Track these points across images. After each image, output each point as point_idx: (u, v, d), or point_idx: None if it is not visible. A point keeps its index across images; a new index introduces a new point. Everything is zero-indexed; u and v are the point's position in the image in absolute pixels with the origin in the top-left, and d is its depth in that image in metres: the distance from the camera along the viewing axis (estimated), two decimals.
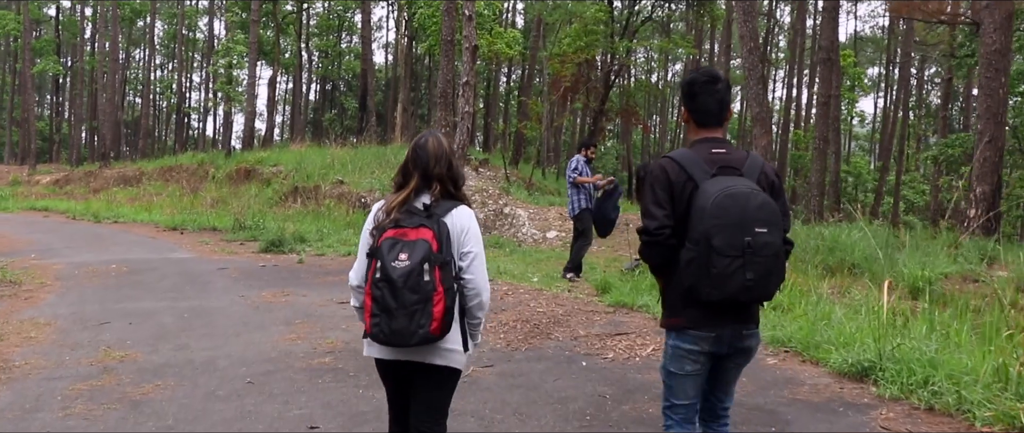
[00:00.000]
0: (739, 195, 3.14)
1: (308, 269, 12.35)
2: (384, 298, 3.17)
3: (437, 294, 3.18)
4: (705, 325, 3.28)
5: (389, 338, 3.21)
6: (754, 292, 3.15)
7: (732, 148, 3.41)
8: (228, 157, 32.09)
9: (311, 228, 17.52)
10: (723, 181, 3.20)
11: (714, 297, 3.14)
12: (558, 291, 10.17)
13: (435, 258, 3.19)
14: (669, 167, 3.29)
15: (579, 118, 42.64)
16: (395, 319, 3.17)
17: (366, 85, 41.47)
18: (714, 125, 3.43)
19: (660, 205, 3.27)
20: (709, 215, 3.11)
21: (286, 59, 58.70)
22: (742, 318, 3.33)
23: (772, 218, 3.15)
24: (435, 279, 3.18)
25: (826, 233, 13.03)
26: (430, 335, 3.19)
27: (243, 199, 25.12)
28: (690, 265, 3.17)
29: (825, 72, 20.84)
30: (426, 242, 3.21)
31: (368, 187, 20.34)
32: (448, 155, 3.52)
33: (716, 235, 3.09)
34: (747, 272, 3.09)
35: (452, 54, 21.56)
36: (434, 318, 3.17)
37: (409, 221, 3.28)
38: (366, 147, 28.90)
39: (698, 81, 3.45)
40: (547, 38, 37.76)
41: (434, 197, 3.40)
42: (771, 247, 3.13)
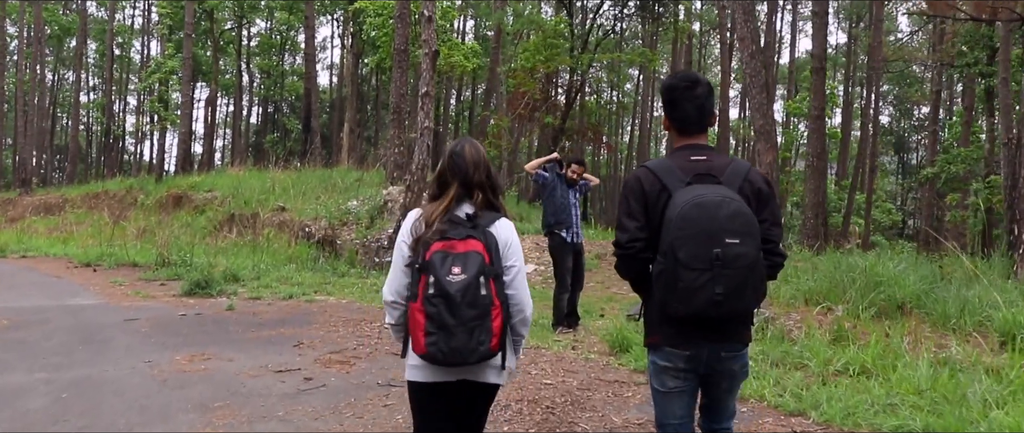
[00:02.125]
0: (708, 204, 2.98)
1: (239, 318, 9.99)
2: (441, 315, 3.01)
3: (495, 308, 3.06)
4: (680, 343, 3.14)
5: (448, 357, 3.04)
6: (725, 308, 2.96)
7: (715, 154, 3.26)
8: (159, 182, 29.43)
9: (247, 263, 15.12)
10: (695, 190, 3.06)
11: (682, 312, 3.00)
12: (560, 350, 7.98)
13: (489, 270, 3.08)
14: (643, 177, 3.19)
15: (537, 140, 40.68)
16: (454, 336, 3.01)
17: (310, 105, 38.98)
18: (696, 131, 3.32)
19: (632, 216, 3.17)
20: (675, 226, 2.98)
21: (226, 80, 55.97)
22: (721, 337, 3.14)
23: (745, 228, 2.97)
24: (491, 293, 3.05)
25: (859, 264, 11.03)
26: (490, 351, 3.05)
27: (173, 228, 22.59)
28: (659, 279, 3.04)
29: (816, 82, 19.02)
30: (479, 254, 3.09)
31: (313, 214, 17.96)
32: (486, 162, 3.40)
33: (681, 247, 2.96)
34: (716, 286, 2.93)
35: (405, 64, 19.36)
36: (494, 333, 3.04)
37: (455, 232, 3.16)
38: (310, 170, 26.49)
39: (678, 86, 3.32)
40: (504, 52, 35.71)
41: (476, 207, 3.30)
42: (744, 259, 2.94)
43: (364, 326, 9.35)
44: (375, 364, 7.46)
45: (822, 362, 6.79)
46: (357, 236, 15.94)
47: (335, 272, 14.54)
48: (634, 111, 51.43)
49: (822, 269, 11.29)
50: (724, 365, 3.18)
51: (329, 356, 7.78)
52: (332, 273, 14.48)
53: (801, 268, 11.62)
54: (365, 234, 15.79)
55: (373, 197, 17.51)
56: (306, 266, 15.17)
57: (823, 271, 11.13)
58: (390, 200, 16.28)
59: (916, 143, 64.20)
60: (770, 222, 3.18)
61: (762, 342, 7.83)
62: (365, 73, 52.24)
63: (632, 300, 11.56)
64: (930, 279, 10.44)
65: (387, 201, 16.35)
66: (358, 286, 12.91)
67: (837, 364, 6.76)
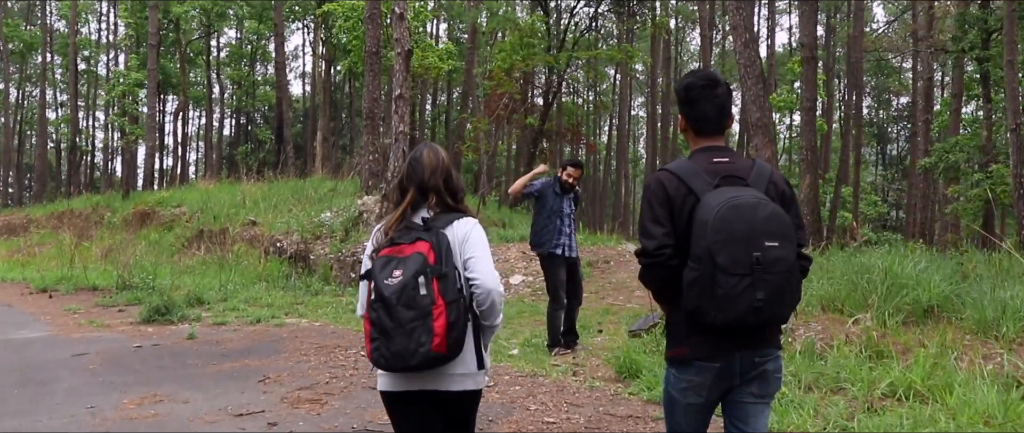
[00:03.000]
0: (745, 206, 2.82)
1: (200, 349, 9.00)
2: (380, 319, 2.94)
3: (436, 307, 2.90)
4: (712, 355, 2.93)
5: (390, 361, 2.94)
6: (765, 314, 2.79)
7: (736, 156, 3.12)
8: (126, 199, 28.29)
9: (214, 283, 14.13)
10: (727, 192, 2.89)
11: (720, 321, 2.80)
12: (560, 377, 7.06)
13: (432, 270, 2.94)
14: (666, 180, 3.01)
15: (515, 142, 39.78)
16: (393, 340, 2.91)
17: (281, 114, 37.92)
18: (715, 133, 3.14)
19: (659, 222, 2.96)
20: (712, 229, 2.79)
21: (196, 91, 54.69)
22: (755, 342, 2.93)
23: (784, 230, 2.84)
24: (433, 292, 2.91)
25: (875, 264, 10.17)
26: (433, 353, 2.89)
27: (139, 247, 21.52)
28: (693, 286, 2.84)
29: (807, 73, 18.24)
30: (421, 255, 2.98)
31: (285, 228, 16.97)
32: (445, 166, 3.28)
33: (720, 251, 2.77)
34: (757, 291, 2.75)
35: (378, 68, 18.40)
36: (435, 333, 2.88)
37: (405, 237, 3.09)
38: (283, 181, 25.48)
39: (696, 85, 3.13)
40: (479, 53, 34.84)
41: (433, 211, 3.20)
42: (783, 262, 2.80)
43: (338, 354, 8.40)
44: (350, 402, 6.52)
45: (865, 385, 5.92)
46: (331, 250, 14.97)
47: (308, 290, 13.58)
48: (612, 111, 50.57)
49: (836, 271, 10.45)
50: (758, 368, 2.99)
51: (298, 393, 6.83)
52: (305, 291, 13.51)
53: (811, 270, 10.76)
54: (339, 248, 14.82)
55: (348, 208, 16.55)
56: (277, 284, 14.20)
57: (838, 273, 10.30)
58: (365, 211, 15.32)
59: (896, 133, 63.87)
60: (795, 225, 2.99)
61: (788, 360, 6.95)
62: (338, 80, 51.21)
63: (631, 313, 10.67)
64: (953, 278, 9.63)
65: (362, 212, 15.39)
66: (332, 305, 11.94)
67: (882, 386, 5.89)
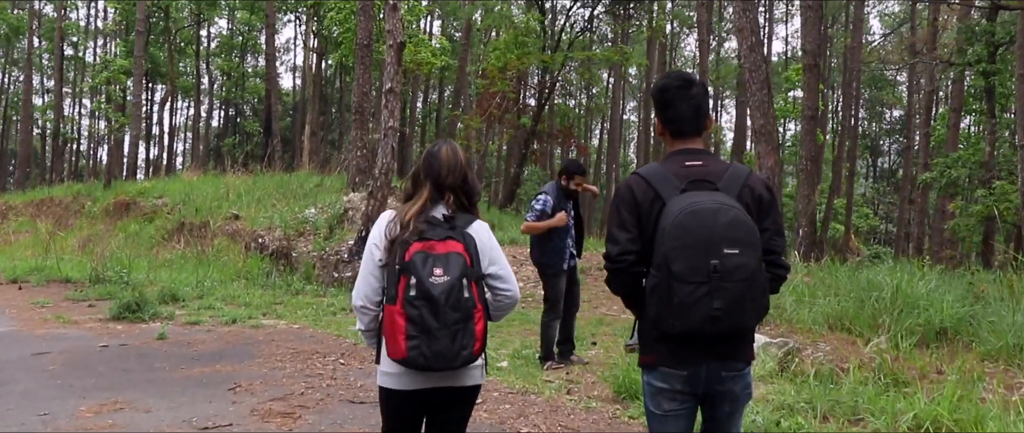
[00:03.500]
0: (704, 212, 2.77)
1: (170, 350, 8.46)
2: (423, 318, 2.90)
3: (477, 311, 2.97)
4: (676, 362, 2.91)
5: (430, 361, 2.91)
6: (723, 324, 2.75)
7: (712, 159, 3.06)
8: (107, 188, 27.64)
9: (191, 278, 13.56)
10: (690, 197, 2.85)
11: (677, 329, 2.78)
12: (553, 395, 6.57)
13: (470, 273, 2.98)
14: (635, 185, 2.98)
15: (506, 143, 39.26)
16: (436, 340, 2.89)
17: (270, 106, 37.29)
18: (691, 134, 3.09)
19: (624, 228, 2.94)
20: (669, 236, 2.77)
21: (185, 82, 53.98)
22: (721, 354, 2.90)
23: (746, 237, 2.76)
24: (474, 295, 2.96)
25: (883, 281, 9.72)
26: (473, 356, 2.97)
27: (118, 238, 20.92)
28: (652, 294, 2.83)
29: (810, 80, 17.79)
30: (460, 256, 2.98)
31: (267, 223, 16.41)
32: (462, 166, 3.26)
33: (676, 259, 2.74)
34: (714, 300, 2.72)
35: (369, 61, 17.90)
36: (476, 337, 2.96)
37: (433, 233, 3.04)
38: (268, 175, 24.91)
39: (671, 86, 3.10)
40: (473, 52, 34.32)
41: (450, 209, 3.17)
42: (743, 270, 2.73)
43: (316, 361, 7.88)
44: (325, 416, 6.01)
45: (889, 417, 5.44)
46: (315, 248, 14.43)
47: (289, 289, 13.03)
48: (604, 114, 50.10)
49: (840, 287, 10.00)
50: (725, 386, 2.94)
51: (269, 405, 6.31)
52: (286, 290, 12.97)
53: (812, 286, 10.29)
54: (323, 246, 14.29)
55: (333, 204, 16.01)
56: (257, 282, 13.64)
57: (842, 290, 9.85)
58: (351, 208, 14.78)
59: (888, 146, 63.71)
60: (772, 231, 2.97)
61: (798, 384, 6.48)
62: (329, 74, 50.61)
63: (626, 324, 10.19)
64: (966, 299, 9.19)
65: (347, 209, 14.85)
66: (313, 307, 11.40)
67: (906, 419, 5.41)
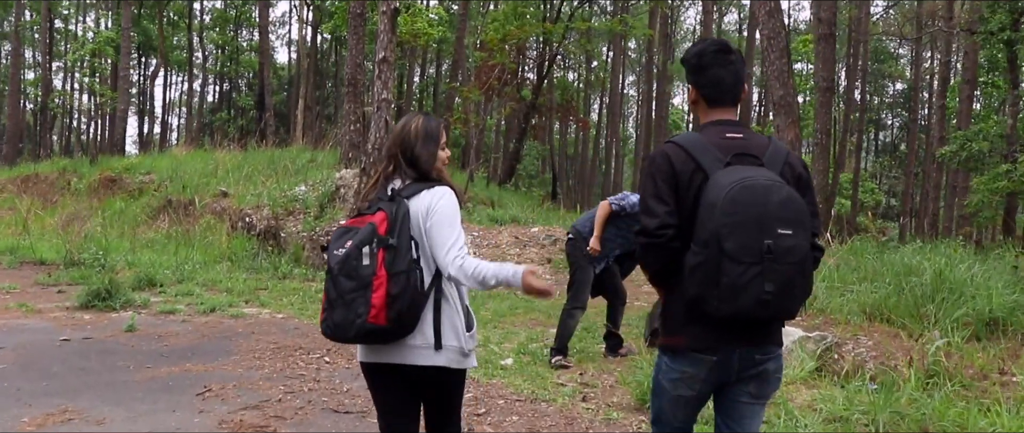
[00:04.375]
0: (758, 188, 2.57)
1: (137, 346, 7.62)
2: (328, 289, 2.91)
3: (377, 278, 2.81)
4: (709, 346, 2.71)
5: (332, 331, 2.91)
6: (772, 308, 2.57)
7: (751, 133, 2.84)
8: (93, 164, 26.74)
9: (172, 261, 12.73)
10: (739, 171, 2.64)
11: (723, 312, 2.58)
12: (566, 402, 5.74)
13: (379, 240, 2.85)
14: (673, 154, 2.75)
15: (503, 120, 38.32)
16: (335, 311, 2.86)
17: (264, 80, 36.32)
18: (729, 103, 2.89)
19: (662, 200, 2.73)
20: (720, 212, 2.56)
21: (178, 56, 52.87)
22: (757, 338, 2.73)
23: (798, 217, 2.60)
24: (376, 262, 2.82)
25: (919, 265, 8.89)
26: (368, 324, 2.81)
27: (103, 216, 20.09)
28: (696, 272, 2.61)
29: (825, 50, 16.87)
30: (372, 225, 2.89)
31: (255, 201, 15.54)
32: (408, 134, 3.15)
33: (729, 237, 2.54)
34: (765, 283, 2.53)
35: (362, 31, 16.99)
36: (372, 305, 2.80)
37: (370, 208, 3.02)
38: (260, 150, 24.02)
39: (708, 51, 2.90)
40: (471, 24, 33.32)
41: (403, 181, 3.10)
42: (796, 252, 2.57)
43: (298, 359, 7.04)
44: (305, 429, 5.19)
45: None
46: (304, 228, 13.58)
47: (276, 272, 12.21)
48: (602, 88, 49.10)
49: (872, 272, 9.18)
50: (757, 367, 2.74)
51: (241, 415, 5.48)
52: (272, 273, 12.14)
53: (838, 270, 9.43)
54: (313, 225, 13.44)
55: (324, 181, 15.15)
56: (242, 265, 12.81)
57: (872, 273, 9.03)
58: (343, 185, 13.91)
59: (891, 120, 62.91)
60: (811, 212, 2.72)
61: (849, 390, 5.67)
62: (325, 47, 49.61)
63: (640, 313, 9.37)
64: (1016, 285, 8.37)
65: (339, 186, 13.99)
66: (300, 293, 10.56)
67: None
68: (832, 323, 7.57)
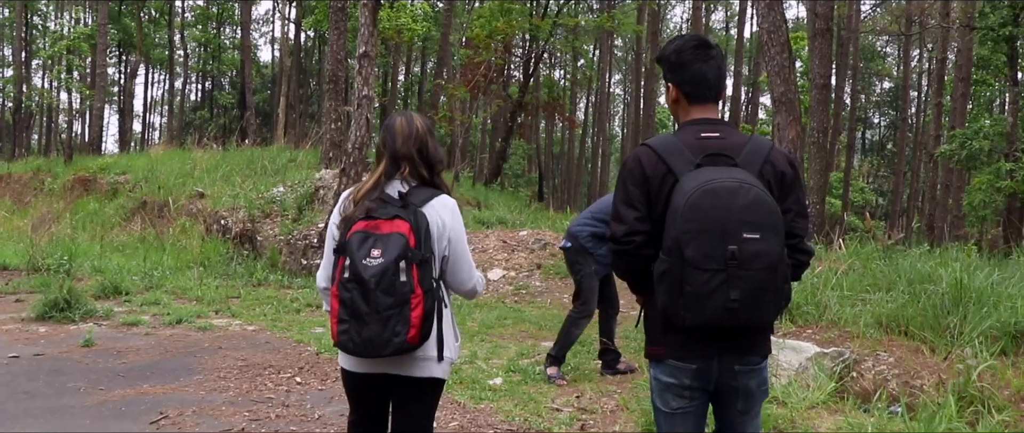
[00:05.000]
0: (721, 191, 2.47)
1: (93, 363, 6.97)
2: (354, 301, 2.71)
3: (415, 296, 2.70)
4: (686, 355, 2.62)
5: (360, 348, 2.74)
6: (740, 317, 2.47)
7: (730, 131, 2.71)
8: (68, 164, 25.99)
9: (141, 267, 12.07)
10: (705, 173, 2.53)
11: (688, 322, 2.50)
12: (564, 431, 5.15)
13: (413, 255, 2.73)
14: (644, 157, 2.66)
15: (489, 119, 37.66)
16: (367, 326, 2.70)
17: (245, 78, 35.64)
18: (710, 99, 2.76)
19: (631, 205, 2.64)
20: (682, 218, 2.47)
21: (160, 54, 51.99)
22: (736, 348, 2.61)
23: (767, 220, 2.46)
24: (413, 279, 2.71)
25: (935, 271, 8.35)
26: (407, 344, 2.72)
27: (76, 218, 19.45)
28: (662, 281, 2.53)
29: (822, 47, 16.38)
30: (402, 236, 2.74)
31: (231, 203, 14.88)
32: (420, 134, 3.04)
33: (689, 243, 2.45)
34: (730, 290, 2.43)
35: (344, 25, 16.35)
36: (412, 324, 2.70)
37: (383, 212, 2.83)
38: (239, 150, 23.34)
39: (687, 46, 2.76)
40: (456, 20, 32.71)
41: (408, 183, 2.96)
42: (764, 258, 2.45)
43: (268, 380, 6.42)
44: None
45: None
46: (281, 231, 12.94)
47: (250, 279, 11.57)
48: (593, 85, 48.60)
49: (881, 278, 8.64)
50: (739, 381, 2.64)
51: None
52: (247, 280, 11.51)
53: (847, 277, 8.89)
54: (291, 229, 12.80)
55: (304, 182, 14.50)
56: (216, 270, 12.16)
57: (884, 280, 8.50)
58: (322, 186, 13.27)
59: (878, 119, 62.72)
60: (795, 212, 2.65)
61: (880, 418, 5.10)
62: (309, 45, 48.86)
63: None
64: None
65: (318, 188, 13.34)
66: (274, 302, 9.92)
67: None
68: (847, 337, 7.02)
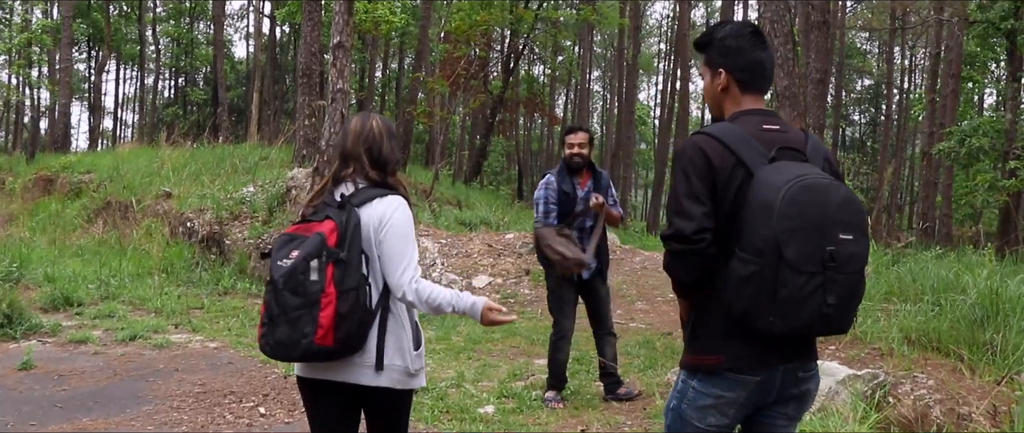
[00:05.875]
0: (818, 188, 2.23)
1: (28, 391, 6.15)
2: (269, 303, 2.63)
3: (325, 296, 2.56)
4: (751, 366, 2.34)
5: (274, 350, 2.65)
6: (833, 323, 2.26)
7: (785, 124, 2.50)
8: (30, 162, 25.02)
9: (99, 273, 11.23)
10: (791, 168, 2.28)
11: (778, 329, 2.22)
12: None
13: (329, 253, 2.59)
14: (708, 147, 2.36)
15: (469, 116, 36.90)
16: (278, 328, 2.60)
17: (218, 73, 34.73)
18: (763, 90, 2.55)
19: (697, 199, 2.33)
20: (779, 215, 2.19)
21: (131, 49, 50.80)
22: (801, 354, 2.42)
23: (858, 219, 2.29)
24: (325, 278, 2.57)
25: (958, 278, 7.69)
26: (315, 346, 2.56)
27: (36, 220, 18.52)
28: (747, 284, 2.23)
29: (819, 40, 15.72)
30: (320, 235, 2.61)
31: (198, 204, 14.03)
32: (371, 133, 2.88)
33: (789, 243, 2.18)
34: (828, 295, 2.21)
35: (318, 16, 15.59)
36: (320, 325, 2.55)
37: (317, 215, 2.75)
38: (211, 148, 22.46)
39: (744, 32, 2.51)
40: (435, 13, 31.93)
41: (354, 185, 2.84)
42: (857, 260, 2.28)
43: (226, 411, 5.63)
44: None
45: None
46: (251, 234, 12.13)
47: (216, 287, 10.76)
48: (575, 79, 47.93)
49: (904, 285, 7.98)
50: (800, 387, 2.45)
51: None
52: (212, 288, 10.70)
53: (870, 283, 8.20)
54: (261, 231, 12.00)
55: (275, 181, 13.69)
56: (180, 277, 11.33)
57: (908, 288, 7.83)
58: (294, 186, 12.46)
59: (859, 116, 62.58)
60: None
61: None
62: (284, 41, 47.87)
63: (639, 337, 8.08)
64: None
65: (290, 187, 12.53)
66: (240, 314, 9.08)
67: None
68: (876, 354, 6.34)
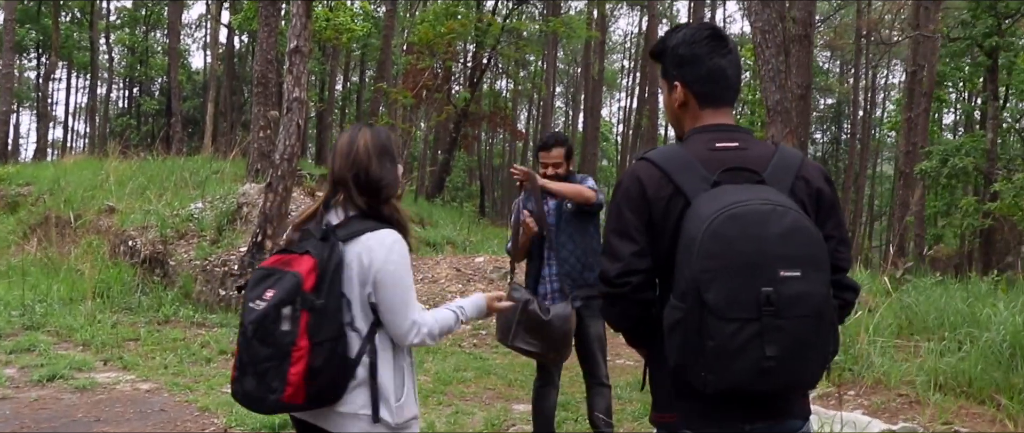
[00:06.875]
0: (749, 216, 1.85)
1: None
2: (241, 350, 2.29)
3: (297, 349, 2.21)
4: (707, 425, 1.99)
5: (243, 400, 2.33)
6: (779, 378, 1.84)
7: (751, 139, 2.12)
8: None
9: (27, 297, 10.17)
10: (728, 194, 1.92)
11: (711, 386, 1.86)
12: None
13: (304, 300, 2.22)
14: (645, 175, 2.06)
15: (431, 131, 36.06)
16: (246, 378, 2.27)
17: (172, 83, 33.55)
18: (728, 102, 2.17)
19: (627, 237, 2.04)
20: (700, 252, 1.85)
21: (82, 57, 49.33)
22: (771, 411, 1.97)
23: (808, 252, 1.85)
24: (298, 329, 2.22)
25: (980, 313, 7.01)
26: (283, 403, 2.25)
27: None
28: (674, 333, 1.91)
29: (800, 54, 15.16)
30: (296, 277, 2.24)
31: (142, 220, 12.99)
32: (359, 155, 2.49)
33: (711, 285, 1.83)
34: (765, 345, 1.80)
35: (276, 21, 14.67)
36: (288, 382, 2.21)
37: (300, 245, 2.37)
38: (161, 160, 21.35)
39: (699, 38, 2.13)
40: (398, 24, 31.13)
41: (344, 213, 2.48)
42: (807, 301, 1.83)
43: None
44: None
45: None
46: (198, 254, 11.14)
47: (156, 313, 9.75)
48: (540, 93, 47.37)
49: (920, 323, 7.28)
50: None
51: None
52: (152, 315, 9.69)
53: (871, 318, 7.47)
54: (208, 252, 11.02)
55: (225, 197, 12.72)
56: (118, 302, 10.30)
57: (930, 323, 7.14)
58: (246, 203, 11.51)
59: (822, 135, 62.80)
60: (837, 240, 2.08)
61: None
62: (242, 51, 46.74)
63: (630, 376, 7.28)
64: None
65: (242, 204, 11.59)
66: (180, 348, 8.06)
67: None
68: (905, 403, 5.59)
